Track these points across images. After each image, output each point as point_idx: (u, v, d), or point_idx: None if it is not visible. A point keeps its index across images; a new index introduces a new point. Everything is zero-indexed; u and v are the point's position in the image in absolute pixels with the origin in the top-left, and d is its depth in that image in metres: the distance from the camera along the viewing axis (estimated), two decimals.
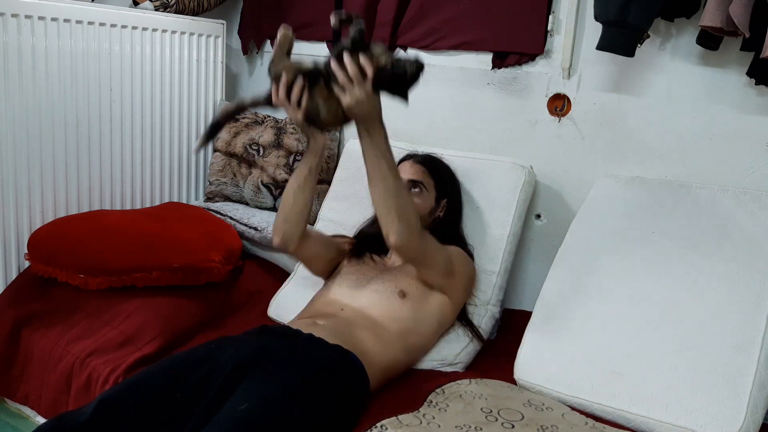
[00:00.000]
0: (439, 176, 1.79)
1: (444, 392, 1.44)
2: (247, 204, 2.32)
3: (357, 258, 1.75)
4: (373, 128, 1.42)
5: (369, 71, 1.34)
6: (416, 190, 1.74)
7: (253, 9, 2.51)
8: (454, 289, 1.64)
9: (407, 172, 1.76)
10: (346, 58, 1.34)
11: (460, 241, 1.79)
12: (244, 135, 2.33)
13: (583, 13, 1.85)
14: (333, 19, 1.38)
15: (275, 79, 1.40)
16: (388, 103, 2.23)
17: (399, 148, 1.99)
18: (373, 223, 1.84)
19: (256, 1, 2.49)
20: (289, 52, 1.42)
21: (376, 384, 1.44)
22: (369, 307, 1.57)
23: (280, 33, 1.41)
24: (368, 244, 1.80)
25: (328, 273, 1.77)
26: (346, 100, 1.36)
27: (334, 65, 1.35)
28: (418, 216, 1.50)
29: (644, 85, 1.80)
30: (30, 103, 1.90)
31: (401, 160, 1.82)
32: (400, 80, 1.38)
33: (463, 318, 1.71)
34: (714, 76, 1.71)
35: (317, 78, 1.38)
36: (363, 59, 1.33)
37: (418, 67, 1.38)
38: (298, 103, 1.39)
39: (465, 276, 1.67)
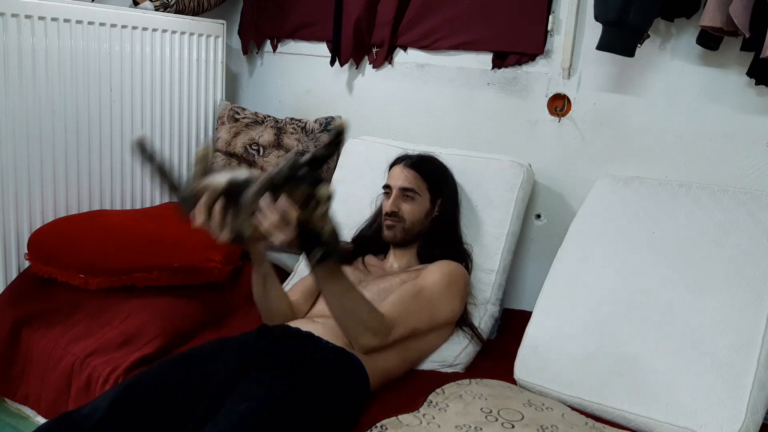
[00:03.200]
0: (431, 177, 1.77)
1: (444, 392, 1.44)
2: None
3: (356, 260, 1.75)
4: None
5: (292, 218, 1.20)
6: (409, 196, 1.73)
7: (253, 9, 2.51)
8: (448, 318, 1.63)
9: (398, 179, 1.74)
10: (266, 206, 1.20)
11: (458, 240, 1.79)
12: (244, 135, 2.33)
13: (583, 13, 1.85)
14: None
15: (188, 200, 1.26)
16: (388, 102, 2.25)
17: (399, 148, 1.99)
18: (371, 225, 1.84)
19: (256, 1, 2.49)
20: (207, 171, 1.27)
21: (376, 384, 1.44)
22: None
23: (199, 150, 1.29)
24: (367, 246, 1.80)
25: None
26: (278, 241, 1.23)
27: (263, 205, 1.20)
28: (379, 317, 1.42)
29: (644, 85, 1.80)
30: (30, 103, 1.90)
31: (392, 165, 1.81)
32: (310, 238, 1.24)
33: (462, 319, 1.70)
34: (714, 76, 1.71)
35: (236, 196, 1.22)
36: (285, 202, 1.20)
37: (333, 235, 1.24)
38: (221, 224, 1.24)
39: (453, 301, 1.62)
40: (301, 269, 1.96)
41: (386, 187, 1.77)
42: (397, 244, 1.75)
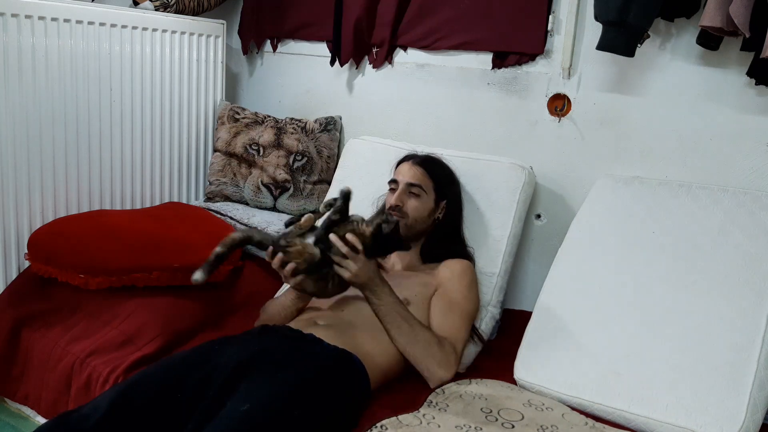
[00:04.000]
0: (438, 178, 1.78)
1: (444, 392, 1.45)
2: (247, 204, 2.32)
3: None
4: (376, 289, 1.48)
5: (359, 245, 1.43)
6: (414, 193, 1.73)
7: (253, 9, 2.51)
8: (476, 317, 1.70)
9: (406, 174, 1.75)
10: (334, 238, 1.43)
11: (461, 243, 1.79)
12: (244, 135, 2.33)
13: (583, 13, 1.85)
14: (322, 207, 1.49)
15: (280, 248, 1.46)
16: (388, 102, 2.25)
17: (399, 148, 1.99)
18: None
19: (256, 1, 2.49)
20: (304, 234, 1.47)
21: (376, 384, 1.44)
22: (368, 307, 1.57)
23: (305, 218, 1.47)
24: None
25: None
26: (345, 275, 1.44)
27: (333, 238, 1.43)
28: (441, 343, 1.51)
29: (644, 85, 1.80)
30: (30, 103, 1.90)
31: (400, 161, 1.82)
32: (386, 241, 1.49)
33: None
34: (714, 76, 1.71)
35: (313, 271, 1.45)
36: (350, 235, 1.44)
37: (391, 222, 1.49)
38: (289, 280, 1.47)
39: (477, 305, 1.70)
40: None
41: (393, 182, 1.77)
42: None
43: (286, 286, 1.92)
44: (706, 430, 1.31)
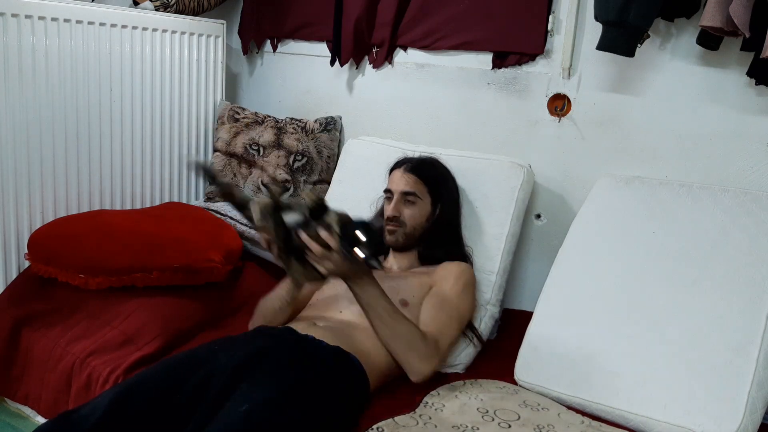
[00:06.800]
0: (432, 181, 1.77)
1: (440, 393, 1.45)
2: None
3: None
4: (359, 281, 1.45)
5: (332, 243, 1.36)
6: (410, 200, 1.73)
7: (253, 9, 2.51)
8: (470, 320, 1.68)
9: (399, 183, 1.74)
10: (304, 236, 1.37)
11: (459, 243, 1.79)
12: (244, 135, 2.33)
13: (583, 13, 1.85)
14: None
15: (257, 225, 1.42)
16: (387, 103, 2.25)
17: (399, 148, 1.99)
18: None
19: (256, 1, 2.49)
20: (279, 208, 1.42)
21: (375, 385, 1.44)
22: None
23: (309, 193, 1.46)
24: None
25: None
26: (322, 270, 1.40)
27: (304, 238, 1.38)
28: (425, 339, 1.48)
29: (644, 85, 1.80)
30: (30, 103, 1.90)
31: (392, 168, 1.81)
32: (360, 242, 1.40)
33: None
34: (714, 76, 1.70)
35: (290, 252, 1.41)
36: (322, 232, 1.37)
37: (367, 227, 1.41)
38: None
39: (473, 308, 1.69)
40: None
41: (387, 191, 1.77)
42: (398, 248, 1.75)
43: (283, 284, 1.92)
44: (705, 429, 1.31)
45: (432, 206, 1.76)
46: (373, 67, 2.26)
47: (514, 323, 1.81)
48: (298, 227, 1.39)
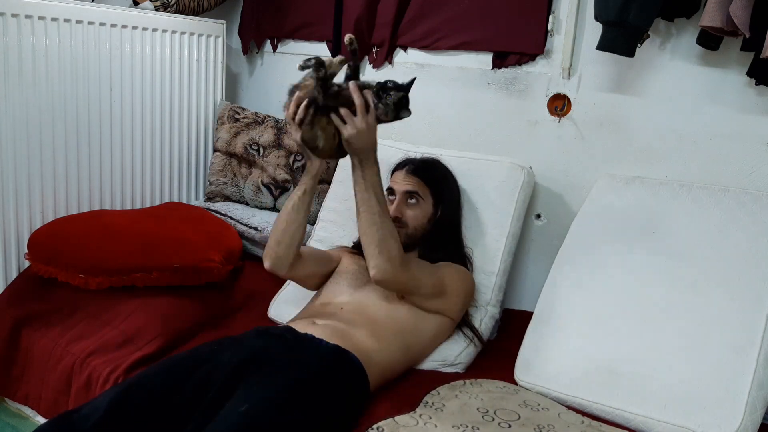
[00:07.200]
0: (434, 182, 1.77)
1: (440, 393, 1.45)
2: (247, 204, 2.32)
3: (356, 258, 1.75)
4: (367, 161, 1.48)
5: (371, 102, 1.43)
6: (412, 201, 1.73)
7: (253, 9, 2.51)
8: (449, 308, 1.63)
9: (401, 183, 1.74)
10: (353, 86, 1.42)
11: (459, 245, 1.79)
12: (244, 135, 2.33)
13: (583, 13, 1.85)
14: (347, 41, 1.51)
15: (291, 91, 1.47)
16: None
17: (399, 149, 1.99)
18: None
19: (256, 1, 2.49)
20: (328, 78, 1.46)
21: (375, 384, 1.44)
22: (367, 306, 1.58)
23: (334, 59, 1.48)
24: None
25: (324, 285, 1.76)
26: (347, 131, 1.42)
27: (352, 87, 1.43)
28: (401, 250, 1.50)
29: (644, 85, 1.80)
30: (30, 103, 1.90)
31: (394, 169, 1.81)
32: (394, 108, 1.49)
33: (463, 320, 1.70)
34: (714, 76, 1.70)
35: (324, 109, 1.44)
36: (367, 92, 1.43)
37: (402, 95, 1.49)
38: (300, 124, 1.46)
39: (460, 294, 1.65)
40: (316, 234, 2.00)
41: (389, 191, 1.77)
42: None
43: (286, 283, 1.92)
44: (705, 429, 1.31)
45: (434, 207, 1.76)
46: (374, 68, 2.26)
47: (513, 323, 1.81)
48: (348, 80, 1.45)
